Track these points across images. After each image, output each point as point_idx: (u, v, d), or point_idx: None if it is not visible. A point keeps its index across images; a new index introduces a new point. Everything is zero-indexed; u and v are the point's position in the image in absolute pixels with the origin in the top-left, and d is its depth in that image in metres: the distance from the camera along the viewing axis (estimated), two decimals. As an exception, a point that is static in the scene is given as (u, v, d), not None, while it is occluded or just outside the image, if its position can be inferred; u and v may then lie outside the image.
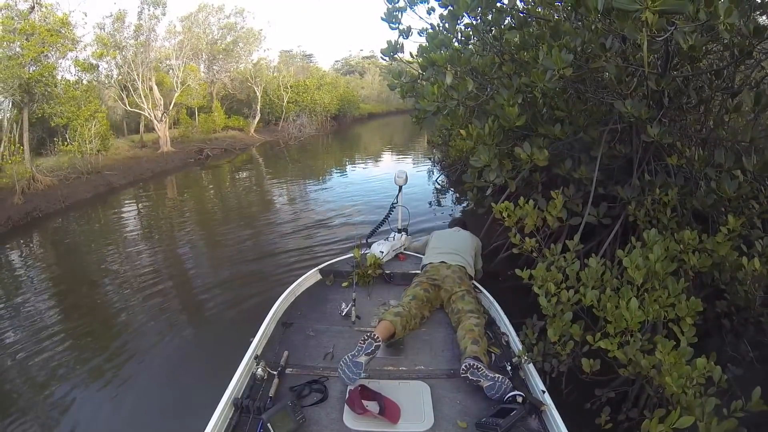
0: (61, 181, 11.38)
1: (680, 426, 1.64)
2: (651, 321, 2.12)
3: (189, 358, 4.04)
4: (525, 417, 2.15)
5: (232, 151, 19.02)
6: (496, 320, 3.19)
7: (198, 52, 20.80)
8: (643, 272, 2.12)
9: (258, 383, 2.49)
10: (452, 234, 4.11)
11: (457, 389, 2.45)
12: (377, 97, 42.18)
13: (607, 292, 2.19)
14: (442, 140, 8.31)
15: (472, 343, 2.59)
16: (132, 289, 5.65)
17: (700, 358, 1.85)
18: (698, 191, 3.07)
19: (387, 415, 2.17)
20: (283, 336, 3.02)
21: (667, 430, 1.62)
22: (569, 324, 2.33)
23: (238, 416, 2.23)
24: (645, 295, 2.10)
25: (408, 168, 14.47)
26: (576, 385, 2.68)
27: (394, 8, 4.16)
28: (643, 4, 1.51)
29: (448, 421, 2.20)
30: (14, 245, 8.29)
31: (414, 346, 2.89)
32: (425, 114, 4.55)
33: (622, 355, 2.03)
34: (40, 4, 11.85)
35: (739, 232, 2.50)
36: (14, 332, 4.72)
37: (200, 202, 11.08)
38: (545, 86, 2.71)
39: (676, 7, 1.54)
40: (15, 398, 3.71)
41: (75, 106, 12.75)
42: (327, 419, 2.23)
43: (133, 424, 3.28)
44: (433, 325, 3.16)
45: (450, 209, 8.87)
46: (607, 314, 2.11)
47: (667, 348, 1.83)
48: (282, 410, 2.10)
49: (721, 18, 1.70)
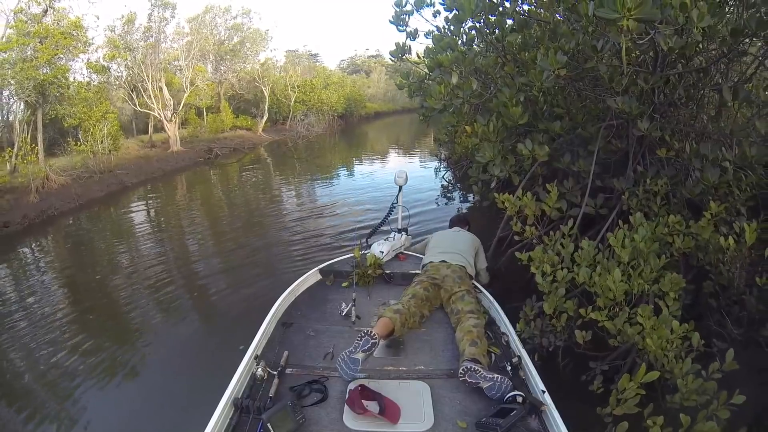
0: (75, 180, 11.67)
1: (647, 380, 1.86)
2: (636, 293, 2.34)
3: (189, 358, 4.08)
4: (525, 417, 2.16)
5: (240, 150, 19.32)
6: (496, 320, 3.18)
7: (205, 53, 21.07)
8: (629, 250, 2.36)
9: (258, 383, 2.49)
10: (453, 234, 4.15)
11: (457, 389, 2.46)
12: (383, 96, 42.40)
13: (597, 270, 2.42)
14: (448, 137, 8.48)
15: (470, 345, 2.60)
16: (139, 287, 5.77)
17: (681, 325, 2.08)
18: (687, 181, 3.30)
19: (387, 415, 2.18)
20: (283, 336, 3.01)
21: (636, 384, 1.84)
22: (563, 300, 2.55)
23: (238, 416, 2.24)
24: (630, 271, 2.33)
25: (415, 165, 14.73)
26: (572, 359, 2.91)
27: (402, 12, 4.39)
28: (622, 13, 1.75)
29: (448, 421, 2.21)
30: (31, 242, 8.57)
31: (414, 346, 2.90)
32: (432, 112, 4.78)
33: (612, 325, 2.27)
34: (53, 7, 12.15)
35: (721, 216, 2.72)
36: (25, 325, 4.87)
37: (208, 201, 11.28)
38: (543, 85, 2.94)
39: (652, 16, 1.77)
40: (19, 387, 3.85)
41: (87, 107, 13.08)
42: (327, 419, 2.24)
43: (133, 423, 3.30)
44: (433, 325, 3.17)
45: (457, 205, 9.06)
46: (596, 288, 2.34)
47: (646, 312, 2.06)
48: (282, 410, 2.10)
49: (695, 22, 1.93)
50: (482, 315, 3.01)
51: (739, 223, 2.50)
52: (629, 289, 2.27)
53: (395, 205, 4.80)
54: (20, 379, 4.00)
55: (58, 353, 4.26)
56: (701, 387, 1.99)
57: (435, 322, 3.19)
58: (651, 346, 1.98)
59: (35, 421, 3.41)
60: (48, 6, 12.07)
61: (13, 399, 3.71)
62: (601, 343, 2.67)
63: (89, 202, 10.97)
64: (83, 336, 4.58)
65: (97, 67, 14.73)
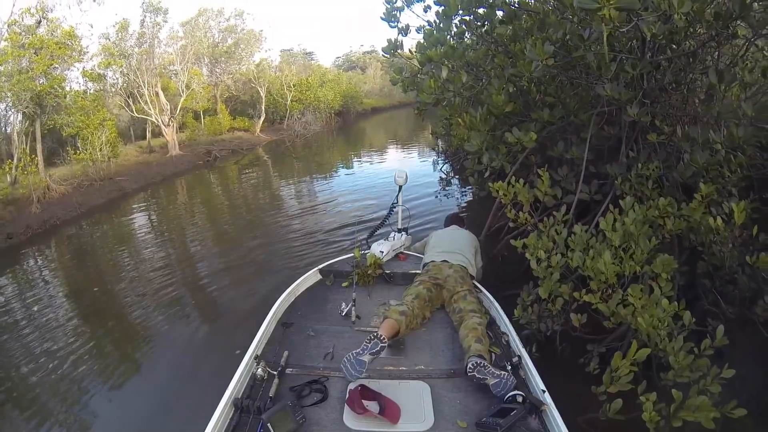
0: (75, 189, 11.76)
1: (639, 358, 1.92)
2: (628, 275, 2.40)
3: (189, 358, 4.12)
4: (525, 417, 2.16)
5: (239, 152, 19.40)
6: (496, 320, 3.17)
7: (200, 56, 21.11)
8: (620, 234, 2.41)
9: (258, 383, 2.49)
10: (452, 233, 4.14)
11: (457, 389, 2.47)
12: (380, 92, 42.32)
13: (590, 253, 2.48)
14: (444, 130, 8.54)
15: (476, 341, 2.60)
16: (142, 290, 5.84)
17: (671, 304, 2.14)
18: (679, 165, 3.34)
19: (387, 415, 2.18)
20: (283, 336, 3.01)
21: (629, 362, 1.90)
22: (558, 284, 2.61)
23: (238, 416, 2.24)
24: (622, 254, 2.39)
25: (414, 159, 14.82)
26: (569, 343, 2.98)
27: (393, 8, 4.44)
28: (602, 3, 1.80)
29: (448, 421, 2.22)
30: (35, 251, 8.65)
31: (414, 346, 2.90)
32: (426, 106, 4.83)
33: (605, 307, 2.33)
34: (46, 18, 12.20)
35: (712, 198, 2.77)
36: (30, 332, 4.96)
37: (209, 203, 11.37)
38: (533, 75, 2.99)
39: (630, 4, 1.82)
40: (25, 389, 3.93)
41: (84, 115, 13.13)
42: (327, 419, 2.24)
43: (133, 423, 3.35)
44: (433, 325, 3.17)
45: (456, 196, 9.16)
46: (589, 272, 2.39)
47: (637, 292, 2.12)
48: (282, 410, 2.11)
49: (676, 8, 1.97)
50: (484, 315, 3.02)
51: (728, 204, 2.54)
52: (621, 271, 2.33)
53: (395, 205, 4.81)
54: (26, 381, 4.08)
55: (63, 357, 4.32)
56: (694, 363, 2.05)
57: (435, 322, 3.20)
58: (642, 325, 2.04)
59: (37, 421, 3.48)
60: (42, 17, 12.12)
61: (20, 402, 3.78)
62: (597, 327, 2.73)
63: (90, 210, 11.07)
64: (86, 340, 4.65)
65: (92, 75, 14.80)
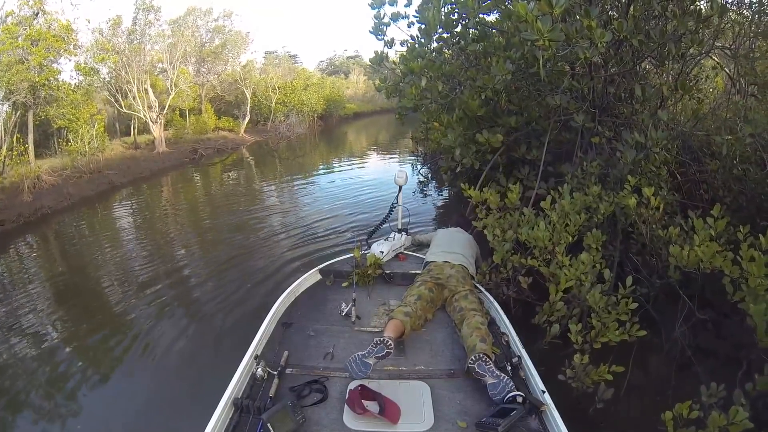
0: (65, 180, 12.05)
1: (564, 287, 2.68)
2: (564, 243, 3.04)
3: (189, 358, 4.13)
4: (525, 417, 2.18)
5: (224, 151, 19.89)
6: (496, 320, 3.20)
7: (187, 55, 21.42)
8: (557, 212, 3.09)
9: (258, 383, 2.51)
10: (455, 234, 4.21)
11: (457, 389, 2.48)
12: (362, 97, 42.85)
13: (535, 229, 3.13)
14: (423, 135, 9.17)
15: (480, 341, 2.62)
16: (135, 284, 5.85)
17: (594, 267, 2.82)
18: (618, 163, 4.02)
19: (387, 415, 2.19)
20: (283, 336, 3.03)
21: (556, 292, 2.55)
22: (509, 253, 3.27)
23: (238, 416, 2.25)
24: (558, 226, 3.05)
25: (393, 163, 15.34)
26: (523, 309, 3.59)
27: (380, 23, 5.06)
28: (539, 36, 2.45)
29: (448, 421, 2.23)
30: (26, 239, 8.92)
31: (414, 346, 2.91)
32: (406, 111, 5.48)
33: (546, 269, 2.98)
34: (44, 11, 12.51)
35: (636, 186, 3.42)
36: (20, 324, 4.95)
37: (197, 200, 11.64)
38: (496, 86, 3.66)
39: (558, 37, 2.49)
40: (17, 390, 3.85)
41: (75, 108, 13.47)
42: (327, 419, 2.25)
43: (133, 423, 3.34)
44: (433, 325, 3.18)
45: (432, 198, 9.70)
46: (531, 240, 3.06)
47: (561, 249, 2.78)
48: (282, 410, 2.12)
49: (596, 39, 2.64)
50: (485, 315, 3.06)
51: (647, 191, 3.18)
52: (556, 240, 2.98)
53: (395, 205, 4.86)
54: (17, 382, 3.99)
55: (55, 353, 4.36)
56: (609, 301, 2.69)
57: (435, 323, 3.23)
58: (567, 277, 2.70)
59: (30, 421, 3.52)
60: (39, 9, 12.43)
61: (12, 403, 3.74)
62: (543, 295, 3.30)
63: (81, 201, 11.38)
64: (80, 335, 4.70)
65: (86, 69, 15.10)
